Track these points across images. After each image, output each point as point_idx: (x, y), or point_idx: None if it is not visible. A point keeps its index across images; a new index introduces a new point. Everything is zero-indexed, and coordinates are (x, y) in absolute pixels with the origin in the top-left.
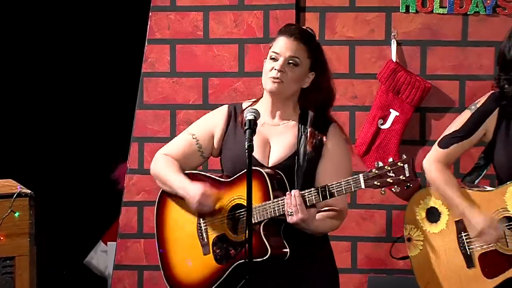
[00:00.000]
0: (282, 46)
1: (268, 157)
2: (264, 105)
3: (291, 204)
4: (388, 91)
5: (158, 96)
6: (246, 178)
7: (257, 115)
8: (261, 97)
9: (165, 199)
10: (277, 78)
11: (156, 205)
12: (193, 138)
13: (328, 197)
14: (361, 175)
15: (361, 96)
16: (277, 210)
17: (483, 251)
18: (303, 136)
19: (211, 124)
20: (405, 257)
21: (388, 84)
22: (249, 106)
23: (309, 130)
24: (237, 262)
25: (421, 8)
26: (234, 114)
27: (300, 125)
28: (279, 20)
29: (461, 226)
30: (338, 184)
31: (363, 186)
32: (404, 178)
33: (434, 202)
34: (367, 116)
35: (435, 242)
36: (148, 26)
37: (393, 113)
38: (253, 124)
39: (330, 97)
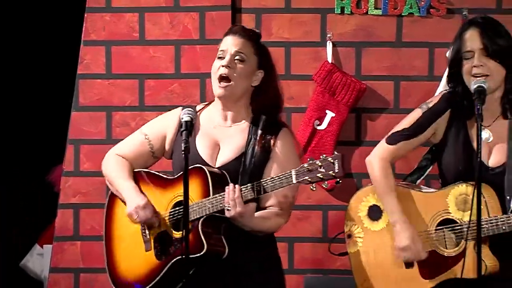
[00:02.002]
0: (228, 43)
1: (216, 158)
2: (216, 107)
3: (229, 198)
4: (324, 92)
5: (93, 98)
6: (183, 179)
7: (193, 116)
8: (213, 100)
9: (114, 197)
10: (225, 75)
11: (106, 204)
12: (146, 139)
13: (262, 192)
14: (293, 170)
15: (297, 97)
16: (215, 206)
17: (425, 250)
18: (252, 139)
19: (164, 125)
20: (344, 253)
21: (324, 85)
22: (202, 108)
23: (259, 133)
24: (175, 259)
25: (356, 9)
26: None
27: (251, 128)
28: (215, 21)
29: None
30: (271, 179)
31: (294, 181)
32: (333, 173)
33: (376, 200)
34: (303, 117)
35: (375, 240)
36: (83, 28)
37: (329, 114)
38: (189, 126)
39: (278, 98)
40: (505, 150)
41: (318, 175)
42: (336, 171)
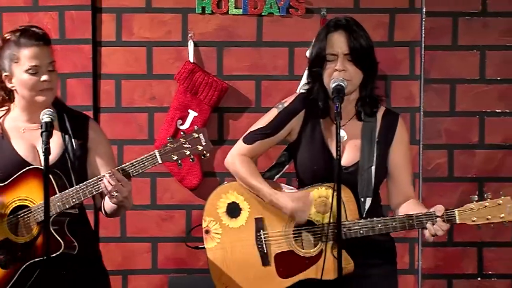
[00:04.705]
0: (38, 56)
1: (39, 160)
2: (20, 112)
3: (113, 184)
4: (186, 92)
5: None
6: (44, 181)
7: (53, 117)
8: (12, 103)
9: None
10: (49, 87)
11: None
12: None
13: (126, 178)
14: (156, 151)
15: (160, 97)
16: (65, 202)
17: (280, 251)
18: (66, 134)
19: None
20: (201, 247)
21: (186, 85)
22: (3, 115)
23: (69, 126)
24: (28, 263)
25: (217, 9)
26: None
27: (60, 125)
28: (75, 21)
29: (260, 225)
30: (134, 163)
31: (160, 161)
32: (201, 147)
33: (236, 198)
34: (166, 117)
35: (233, 237)
36: None
37: (192, 114)
38: (49, 126)
39: None
40: (358, 149)
41: (185, 151)
42: (204, 144)
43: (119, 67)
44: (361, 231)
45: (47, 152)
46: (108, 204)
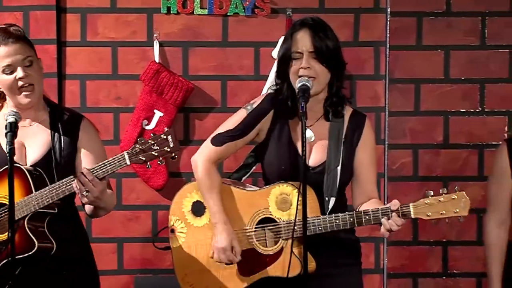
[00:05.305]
0: (10, 54)
1: (25, 158)
2: (11, 109)
3: (84, 183)
4: (151, 92)
5: None
6: (8, 182)
7: (17, 117)
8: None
9: None
10: (27, 85)
11: None
12: None
13: (98, 179)
14: (125, 152)
15: (125, 97)
16: (41, 202)
17: (242, 249)
18: (56, 133)
19: None
20: (168, 248)
21: (151, 85)
22: None
23: (61, 126)
24: (2, 262)
25: (182, 9)
26: None
27: (52, 123)
28: (40, 21)
29: None
30: (103, 165)
31: (128, 163)
32: (169, 149)
33: (200, 197)
34: (131, 117)
35: (197, 236)
36: None
37: (157, 114)
38: (14, 127)
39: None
40: (325, 149)
41: (153, 152)
42: (172, 146)
43: (84, 67)
44: (320, 228)
45: (11, 152)
46: (86, 204)
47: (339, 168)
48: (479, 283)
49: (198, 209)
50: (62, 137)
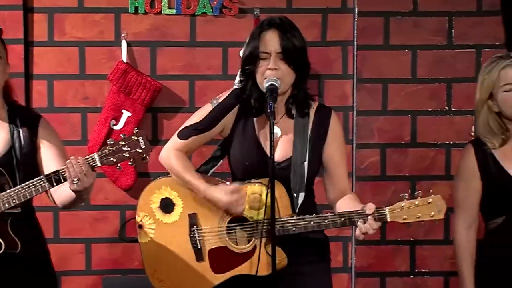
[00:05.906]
0: None
1: None
2: None
3: (77, 171)
4: (119, 92)
5: None
6: None
7: None
8: None
9: None
10: None
11: None
12: None
13: (62, 180)
14: (95, 154)
15: (93, 97)
16: (6, 202)
17: (213, 246)
18: (15, 130)
19: None
20: (134, 241)
21: (119, 85)
22: None
23: (19, 123)
24: None
25: (150, 9)
26: None
27: (10, 121)
28: (6, 21)
29: (193, 220)
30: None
31: (99, 164)
32: (140, 150)
33: (169, 193)
34: (99, 117)
35: (167, 233)
36: None
37: (125, 114)
38: None
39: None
40: (290, 144)
41: (124, 154)
42: (143, 147)
43: (51, 67)
44: (294, 229)
45: None
46: (65, 192)
47: (306, 163)
48: (446, 281)
49: (166, 205)
50: (21, 134)
